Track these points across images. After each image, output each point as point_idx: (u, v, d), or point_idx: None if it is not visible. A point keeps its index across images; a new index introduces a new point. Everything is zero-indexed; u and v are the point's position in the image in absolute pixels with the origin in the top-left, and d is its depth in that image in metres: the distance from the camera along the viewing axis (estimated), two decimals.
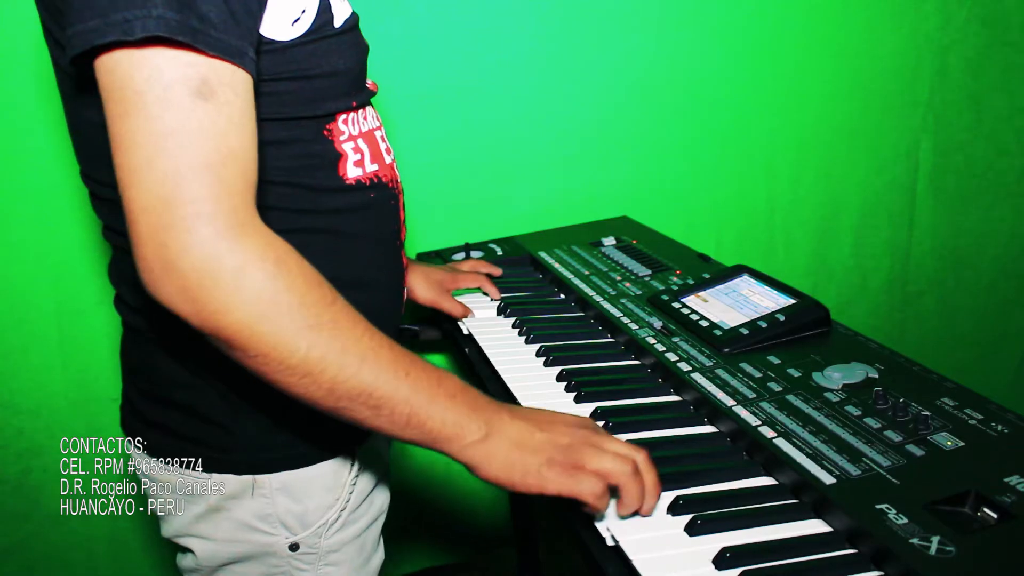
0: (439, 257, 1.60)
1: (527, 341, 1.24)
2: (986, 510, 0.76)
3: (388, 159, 0.95)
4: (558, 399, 1.06)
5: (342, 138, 0.87)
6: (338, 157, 0.87)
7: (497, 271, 1.46)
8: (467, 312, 1.34)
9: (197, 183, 0.64)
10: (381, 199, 0.92)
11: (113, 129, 0.65)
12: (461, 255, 1.59)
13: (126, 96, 0.64)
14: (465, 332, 1.31)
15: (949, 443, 0.86)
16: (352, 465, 0.95)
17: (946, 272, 2.24)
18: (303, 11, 0.78)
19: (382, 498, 1.04)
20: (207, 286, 0.64)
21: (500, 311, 1.36)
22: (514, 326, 1.29)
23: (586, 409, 1.02)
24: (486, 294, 1.42)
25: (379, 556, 1.04)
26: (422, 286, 1.35)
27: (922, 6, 1.98)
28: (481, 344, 1.23)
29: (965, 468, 0.82)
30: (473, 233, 1.71)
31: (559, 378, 1.11)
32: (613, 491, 0.80)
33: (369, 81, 0.95)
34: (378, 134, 0.94)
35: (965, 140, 2.14)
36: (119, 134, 0.65)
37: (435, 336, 1.52)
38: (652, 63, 1.80)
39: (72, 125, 0.85)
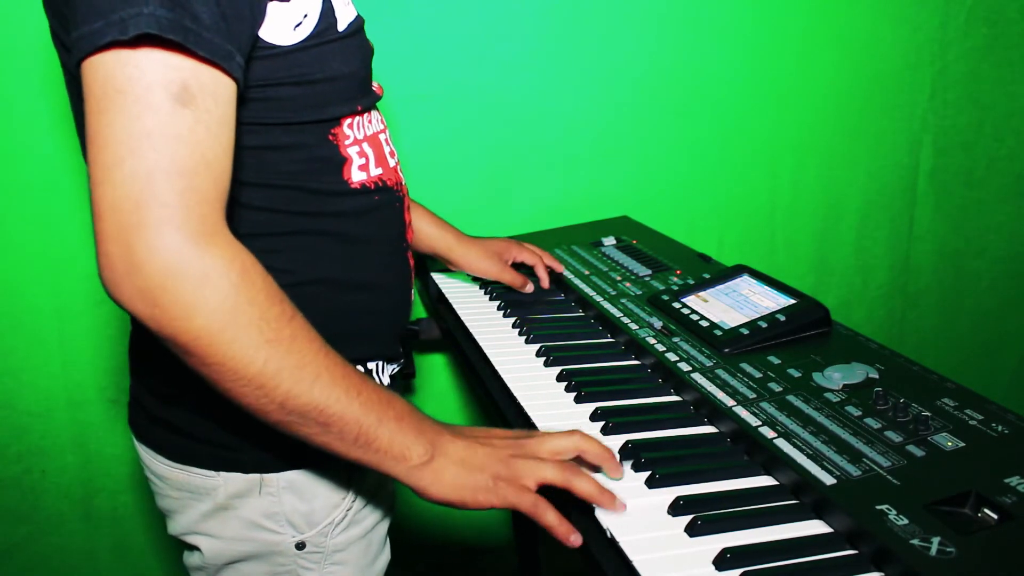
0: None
1: (527, 341, 1.23)
2: (986, 511, 0.76)
3: (392, 162, 0.95)
4: (558, 399, 1.06)
5: (347, 142, 0.87)
6: (343, 161, 0.87)
7: (559, 266, 1.46)
8: (526, 283, 1.40)
9: (168, 188, 0.64)
10: (386, 202, 0.93)
11: (91, 124, 0.65)
12: None
13: (107, 93, 0.64)
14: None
15: (949, 443, 0.86)
16: (359, 465, 0.95)
17: (946, 272, 2.24)
18: (305, 16, 0.78)
19: (388, 498, 1.04)
20: (170, 290, 0.64)
21: (500, 310, 1.36)
22: (514, 326, 1.29)
23: (586, 409, 1.02)
24: (537, 277, 1.45)
25: (385, 557, 1.04)
26: (483, 260, 1.39)
27: (922, 5, 1.98)
28: (481, 344, 1.23)
29: (965, 468, 0.82)
30: (473, 233, 1.70)
31: (559, 378, 1.11)
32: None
33: (375, 84, 0.95)
34: (382, 137, 0.94)
35: (965, 140, 2.13)
36: (96, 129, 0.65)
37: (435, 336, 1.52)
38: (653, 63, 1.80)
39: (82, 128, 0.85)
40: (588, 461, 0.84)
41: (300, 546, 0.92)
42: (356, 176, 0.88)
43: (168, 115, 0.64)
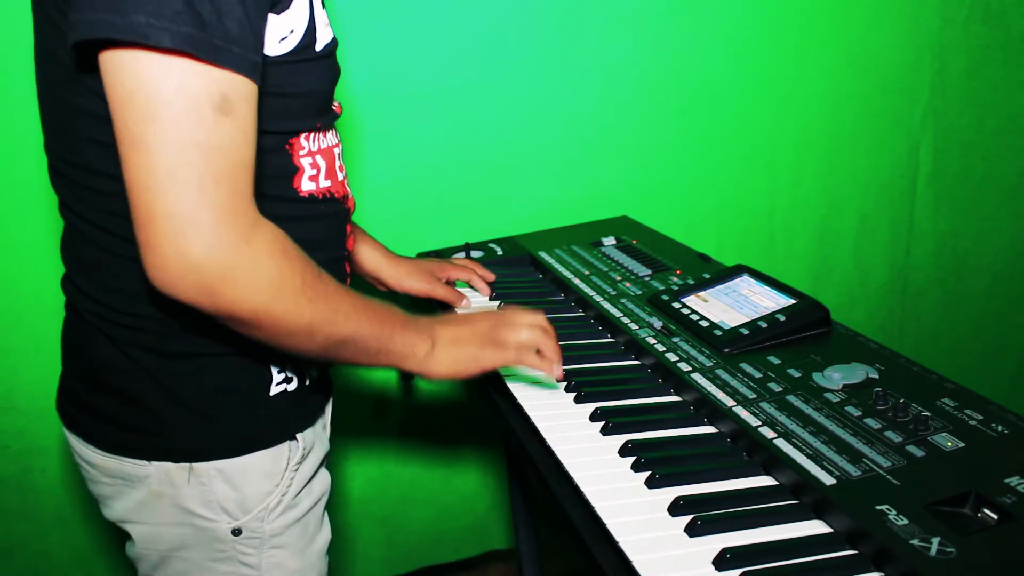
0: (439, 257, 1.60)
1: None
2: (986, 511, 0.76)
3: (340, 176, 0.98)
4: (558, 399, 1.06)
5: (301, 153, 0.90)
6: (295, 171, 0.90)
7: (490, 276, 1.45)
8: (462, 299, 1.36)
9: (218, 192, 0.70)
10: (329, 212, 0.96)
11: (133, 131, 0.69)
12: (461, 255, 1.59)
13: (152, 103, 0.68)
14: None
15: (949, 444, 0.86)
16: (290, 453, 0.96)
17: (946, 272, 2.24)
18: (291, 31, 0.82)
19: (322, 481, 1.04)
20: (229, 281, 0.72)
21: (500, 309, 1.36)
22: None
23: (586, 409, 1.02)
24: (475, 289, 1.42)
25: (324, 535, 1.05)
26: (412, 277, 1.36)
27: (922, 6, 1.98)
28: None
29: (965, 469, 0.82)
30: (473, 233, 1.71)
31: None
32: None
33: (335, 103, 0.98)
34: (336, 151, 0.97)
35: (965, 140, 2.13)
36: (140, 137, 0.68)
37: None
38: (652, 63, 1.80)
39: (49, 102, 0.87)
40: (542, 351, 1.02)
41: (236, 532, 0.93)
42: (306, 186, 0.91)
43: (214, 125, 0.70)
